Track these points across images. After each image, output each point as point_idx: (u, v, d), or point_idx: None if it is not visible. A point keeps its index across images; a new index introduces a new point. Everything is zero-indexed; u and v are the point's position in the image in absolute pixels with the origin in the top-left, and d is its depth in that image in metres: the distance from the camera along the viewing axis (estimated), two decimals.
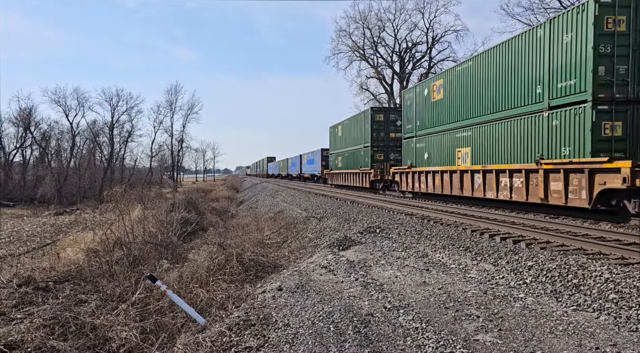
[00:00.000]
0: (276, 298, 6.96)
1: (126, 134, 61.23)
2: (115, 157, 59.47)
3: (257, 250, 11.98)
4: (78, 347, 6.71)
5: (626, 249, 7.61)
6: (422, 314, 5.62)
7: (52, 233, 21.57)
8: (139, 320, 7.37)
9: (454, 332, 5.00)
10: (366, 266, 8.51)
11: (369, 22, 48.18)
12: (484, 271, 7.52)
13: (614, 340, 4.58)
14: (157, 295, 8.13)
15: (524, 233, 9.68)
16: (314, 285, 7.40)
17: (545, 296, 6.09)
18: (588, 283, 6.20)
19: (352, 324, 5.43)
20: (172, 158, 72.54)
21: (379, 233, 11.90)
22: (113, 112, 58.68)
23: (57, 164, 52.56)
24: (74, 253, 12.43)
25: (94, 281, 10.01)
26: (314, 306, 6.23)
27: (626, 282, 5.91)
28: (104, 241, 12.36)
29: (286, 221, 17.63)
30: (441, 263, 8.39)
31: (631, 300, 5.48)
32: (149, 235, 13.91)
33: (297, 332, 5.45)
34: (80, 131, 57.14)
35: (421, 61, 47.67)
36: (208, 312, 7.53)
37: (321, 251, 10.42)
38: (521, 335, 4.84)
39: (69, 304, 8.13)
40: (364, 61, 49.51)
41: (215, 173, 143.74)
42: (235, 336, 5.72)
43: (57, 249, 13.99)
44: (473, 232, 10.33)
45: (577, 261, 7.01)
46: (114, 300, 8.71)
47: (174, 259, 11.56)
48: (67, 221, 26.30)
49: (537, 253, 7.85)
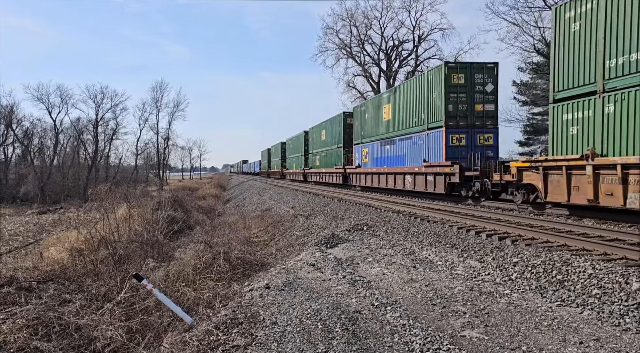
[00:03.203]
0: (264, 296, 6.94)
1: (111, 131, 60.42)
2: (100, 155, 58.65)
3: (245, 248, 11.93)
4: (62, 347, 6.61)
5: (609, 245, 7.74)
6: (410, 311, 5.65)
7: (35, 232, 21.21)
8: (125, 320, 7.29)
9: (441, 328, 5.04)
10: (354, 263, 8.53)
11: (355, 20, 48.17)
12: (471, 268, 7.59)
13: (597, 334, 4.66)
14: (143, 294, 8.05)
15: (510, 230, 9.79)
16: (301, 282, 7.39)
17: (530, 292, 6.17)
18: (572, 279, 6.30)
19: (340, 321, 5.44)
20: (158, 156, 71.88)
21: (366, 230, 11.93)
22: (97, 109, 57.84)
23: (40, 163, 51.69)
24: (57, 253, 12.24)
25: (78, 280, 9.86)
26: (302, 304, 6.23)
27: (609, 278, 6.02)
28: (88, 240, 12.18)
29: (273, 219, 17.59)
30: (428, 260, 8.45)
31: (613, 295, 5.57)
32: (135, 233, 13.75)
33: (284, 330, 5.44)
34: (63, 129, 56.21)
35: (408, 59, 47.79)
36: (195, 310, 7.49)
37: (309, 249, 10.42)
38: (507, 330, 4.90)
39: (52, 304, 8.00)
40: (351, 58, 49.51)
41: (202, 171, 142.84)
42: (222, 335, 5.69)
43: (40, 248, 13.75)
44: (460, 229, 10.42)
45: (561, 257, 7.11)
46: (99, 300, 8.59)
47: (160, 258, 11.45)
48: (50, 220, 25.89)
49: (522, 249, 7.95)
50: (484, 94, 16.86)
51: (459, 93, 16.68)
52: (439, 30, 45.76)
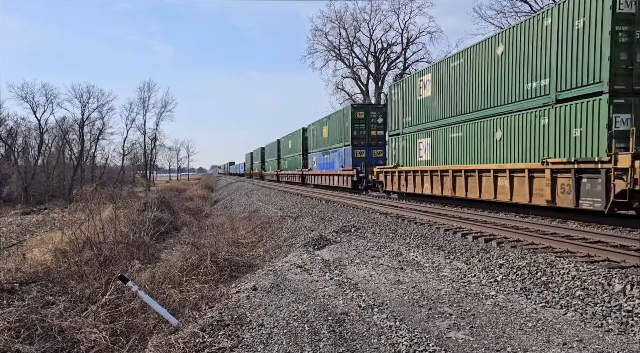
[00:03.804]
0: (250, 298, 6.92)
1: (97, 131, 59.75)
2: (86, 155, 58.00)
3: (232, 249, 11.87)
4: (45, 350, 6.51)
5: (592, 247, 7.85)
6: (396, 313, 5.67)
7: (19, 233, 20.89)
8: (109, 322, 7.20)
9: (427, 330, 5.06)
10: (341, 265, 8.54)
11: (344, 22, 48.40)
12: (457, 270, 7.64)
13: (580, 335, 4.72)
14: (128, 296, 7.97)
15: (495, 232, 9.87)
16: (288, 284, 7.38)
17: (515, 293, 6.23)
18: (556, 281, 6.37)
19: (327, 323, 5.44)
20: (145, 157, 71.25)
21: (354, 232, 11.96)
22: (83, 109, 57.11)
23: (24, 162, 50.89)
24: (41, 254, 12.07)
25: (62, 282, 9.72)
26: (289, 306, 6.22)
27: (592, 279, 6.10)
28: (73, 241, 12.02)
29: (261, 221, 17.54)
30: (415, 261, 8.49)
31: (596, 297, 5.65)
32: (121, 234, 13.62)
33: (271, 332, 5.43)
34: (48, 128, 55.42)
35: (396, 62, 48.12)
36: (181, 312, 7.43)
37: (296, 251, 10.41)
38: (492, 332, 4.94)
39: (35, 306, 7.87)
40: (340, 60, 49.70)
41: (189, 172, 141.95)
42: (208, 337, 5.65)
43: (23, 249, 13.55)
44: (446, 231, 10.48)
45: (545, 259, 7.20)
46: (83, 302, 8.48)
47: (146, 259, 11.34)
48: (34, 220, 25.52)
49: (508, 251, 8.03)
50: (376, 124, 25.88)
51: (360, 124, 25.68)
52: (427, 34, 45.99)
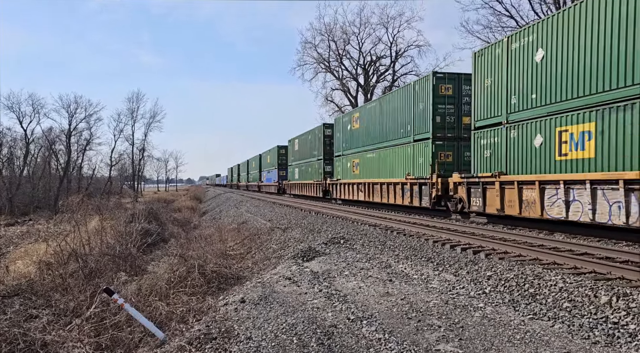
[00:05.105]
0: (239, 311, 6.84)
1: (84, 142, 59.25)
2: (72, 166, 57.38)
3: (220, 261, 11.76)
4: None
5: (578, 259, 7.93)
6: (385, 325, 5.65)
7: (2, 245, 20.51)
8: (94, 336, 7.06)
9: (416, 342, 5.05)
10: (330, 277, 8.50)
11: (334, 35, 48.83)
12: (446, 282, 7.65)
13: (568, 347, 4.74)
14: (114, 309, 7.83)
15: (484, 244, 9.93)
16: (277, 296, 7.32)
17: (503, 305, 6.25)
18: (543, 293, 6.41)
19: (316, 336, 5.40)
20: (133, 167, 70.63)
21: (343, 243, 11.94)
22: (71, 119, 56.73)
23: (9, 173, 50.18)
24: (24, 266, 11.86)
25: (46, 295, 9.53)
26: (277, 319, 6.16)
27: (579, 291, 6.15)
28: (57, 253, 11.82)
29: (250, 232, 17.43)
30: (404, 273, 8.49)
31: (583, 309, 5.70)
32: (107, 246, 13.42)
33: (259, 345, 5.37)
34: (34, 139, 54.84)
35: (385, 74, 48.56)
36: (168, 325, 7.31)
37: (285, 262, 10.35)
38: (480, 344, 4.94)
39: (17, 320, 7.70)
40: (329, 73, 49.99)
41: (178, 182, 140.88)
42: (195, 350, 5.57)
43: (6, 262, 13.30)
44: (435, 243, 10.52)
45: (533, 271, 7.24)
46: (67, 315, 8.31)
47: (132, 271, 11.19)
48: (18, 232, 25.11)
49: (496, 263, 8.07)
50: None
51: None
52: (416, 47, 46.64)
